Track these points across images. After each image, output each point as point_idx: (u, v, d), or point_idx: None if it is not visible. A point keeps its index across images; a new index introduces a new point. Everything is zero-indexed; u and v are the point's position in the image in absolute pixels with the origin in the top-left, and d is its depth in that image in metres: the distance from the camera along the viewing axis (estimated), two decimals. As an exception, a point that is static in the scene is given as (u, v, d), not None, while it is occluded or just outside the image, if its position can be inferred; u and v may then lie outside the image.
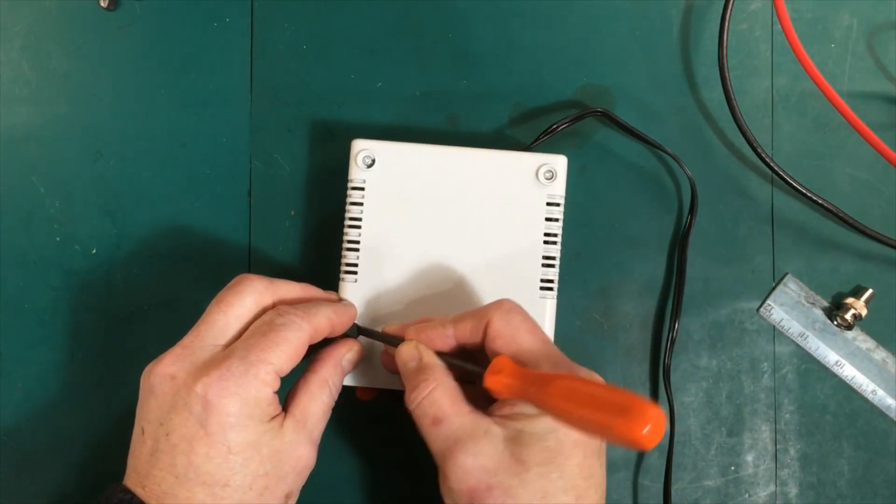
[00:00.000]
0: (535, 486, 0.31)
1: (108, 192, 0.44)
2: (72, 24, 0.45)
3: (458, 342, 0.35)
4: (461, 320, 0.35)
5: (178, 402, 0.31)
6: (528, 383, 0.31)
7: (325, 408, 0.35)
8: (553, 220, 0.39)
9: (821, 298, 0.44)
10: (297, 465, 0.33)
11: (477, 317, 0.34)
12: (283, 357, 0.32)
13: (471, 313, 0.34)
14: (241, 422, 0.31)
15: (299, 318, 0.33)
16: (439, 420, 0.32)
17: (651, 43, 0.44)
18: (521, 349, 0.33)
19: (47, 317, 0.44)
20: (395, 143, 0.39)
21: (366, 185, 0.39)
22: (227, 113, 0.44)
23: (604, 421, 0.28)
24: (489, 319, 0.34)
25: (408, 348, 0.34)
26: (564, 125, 0.42)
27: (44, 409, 0.43)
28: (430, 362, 0.34)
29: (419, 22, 0.44)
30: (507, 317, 0.34)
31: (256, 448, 0.31)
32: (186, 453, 0.31)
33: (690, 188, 0.43)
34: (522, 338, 0.33)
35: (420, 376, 0.33)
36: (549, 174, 0.39)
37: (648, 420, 0.27)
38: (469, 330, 0.34)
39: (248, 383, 0.31)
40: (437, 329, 0.35)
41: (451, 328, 0.35)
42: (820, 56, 0.44)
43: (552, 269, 0.39)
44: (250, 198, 0.44)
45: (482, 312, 0.34)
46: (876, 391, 0.43)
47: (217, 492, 0.31)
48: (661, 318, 0.44)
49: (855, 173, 0.44)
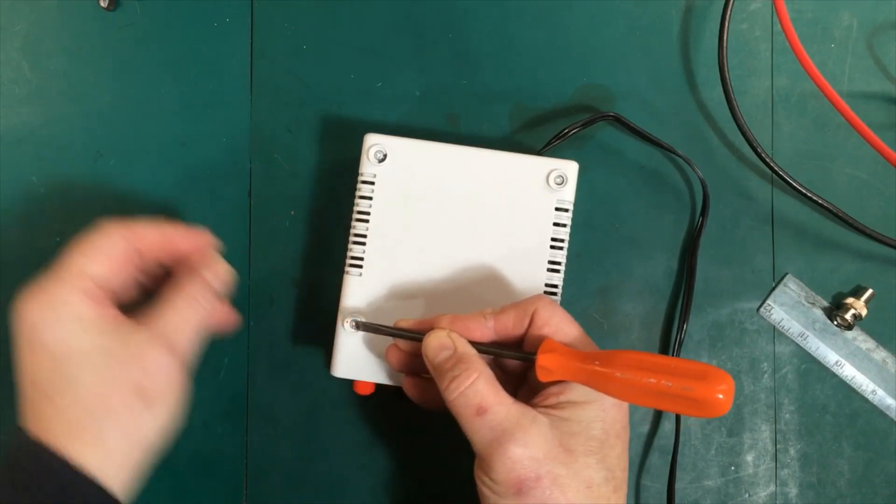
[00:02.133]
0: (581, 475, 0.31)
1: (108, 192, 0.44)
2: (72, 24, 0.45)
3: (497, 334, 0.35)
4: (503, 312, 0.35)
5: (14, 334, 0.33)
6: (587, 360, 0.32)
7: (185, 318, 0.34)
8: (561, 225, 0.39)
9: (821, 298, 0.44)
10: (149, 367, 0.32)
11: (520, 308, 0.34)
12: (97, 265, 0.33)
13: (512, 305, 0.35)
14: (57, 330, 0.32)
15: (115, 226, 0.34)
16: (484, 410, 0.32)
17: (651, 43, 0.44)
18: (568, 336, 0.34)
19: (47, 317, 0.44)
20: (407, 140, 0.40)
21: (376, 180, 0.39)
22: (227, 113, 0.44)
23: (681, 385, 0.29)
24: (535, 309, 0.34)
25: (439, 337, 0.34)
26: (576, 129, 0.42)
27: (44, 409, 0.43)
28: (467, 351, 0.33)
29: (419, 22, 0.44)
30: (551, 307, 0.34)
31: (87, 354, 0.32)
32: (25, 369, 0.32)
33: (703, 190, 0.43)
34: (568, 327, 0.34)
35: (460, 366, 0.33)
36: (560, 179, 0.39)
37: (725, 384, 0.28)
38: (512, 321, 0.34)
39: (60, 291, 0.32)
40: (476, 319, 0.35)
41: (491, 319, 0.35)
42: (820, 56, 0.44)
43: (557, 274, 0.39)
44: (250, 198, 0.44)
45: (525, 304, 0.34)
46: (876, 391, 0.43)
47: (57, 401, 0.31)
48: (670, 319, 0.44)
49: (855, 173, 0.44)
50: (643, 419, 0.44)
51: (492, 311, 0.35)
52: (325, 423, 0.43)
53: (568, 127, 0.42)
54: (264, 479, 0.43)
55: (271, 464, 0.43)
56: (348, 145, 0.43)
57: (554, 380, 0.33)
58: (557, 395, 0.33)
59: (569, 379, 0.33)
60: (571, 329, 0.34)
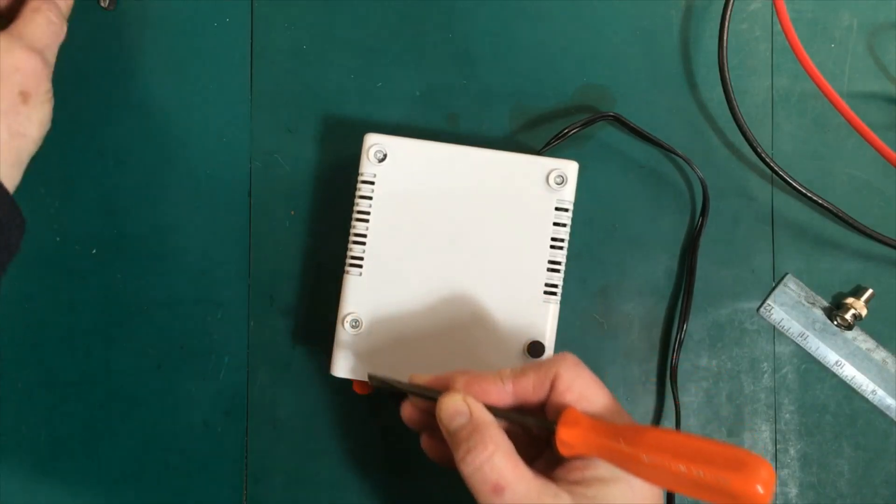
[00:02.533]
0: None
1: (108, 192, 0.44)
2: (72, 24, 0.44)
3: (516, 398, 0.32)
4: (522, 374, 0.32)
5: None
6: (612, 436, 0.29)
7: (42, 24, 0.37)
8: (561, 225, 0.39)
9: (821, 298, 0.44)
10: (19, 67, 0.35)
11: (541, 371, 0.32)
12: None
13: (532, 367, 0.32)
14: None
15: None
16: (501, 488, 0.29)
17: (651, 43, 0.44)
18: (593, 404, 0.31)
19: (47, 317, 0.44)
20: (407, 139, 0.39)
21: (376, 180, 0.39)
22: (227, 113, 0.44)
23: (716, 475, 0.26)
24: (556, 373, 0.32)
25: (453, 401, 0.31)
26: (576, 129, 0.42)
27: (44, 409, 0.43)
28: (484, 419, 0.31)
29: (419, 22, 0.44)
30: (575, 370, 0.32)
31: None
32: None
33: (703, 190, 0.43)
34: (594, 393, 0.32)
35: (475, 437, 0.30)
36: (560, 179, 0.39)
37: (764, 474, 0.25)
38: (532, 385, 0.32)
39: None
40: (493, 382, 0.32)
41: (509, 382, 0.32)
42: (820, 56, 0.44)
43: (557, 273, 0.39)
44: (250, 198, 0.44)
45: (547, 366, 0.32)
46: (876, 391, 0.43)
47: None
48: (670, 319, 0.44)
49: (855, 173, 0.44)
50: (643, 419, 0.44)
51: (511, 371, 0.32)
52: (325, 423, 0.43)
53: (568, 127, 0.42)
54: (264, 479, 0.43)
55: (271, 464, 0.43)
56: (348, 145, 0.43)
57: (576, 454, 0.30)
58: (582, 471, 0.30)
59: (592, 455, 0.30)
60: (597, 396, 0.32)
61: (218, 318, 0.44)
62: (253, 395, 0.43)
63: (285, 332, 0.44)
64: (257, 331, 0.44)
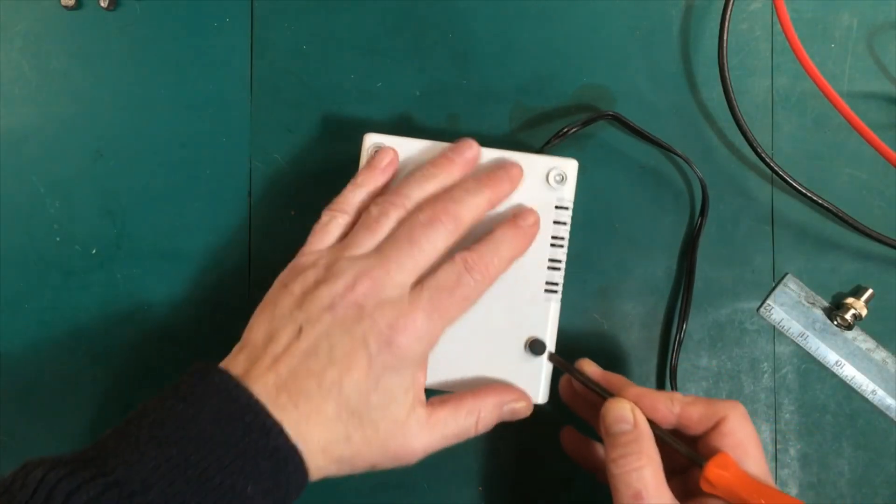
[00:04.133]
0: None
1: (108, 192, 0.44)
2: (72, 24, 0.45)
3: (678, 422, 0.35)
4: (692, 404, 0.34)
5: (357, 328, 0.32)
6: (755, 493, 0.31)
7: (459, 432, 0.35)
8: (561, 223, 0.39)
9: (821, 298, 0.44)
10: (400, 451, 0.33)
11: (711, 407, 0.34)
12: (459, 314, 0.34)
13: (703, 401, 0.34)
14: (399, 367, 0.32)
15: (481, 277, 0.34)
16: (641, 497, 0.32)
17: (651, 43, 0.44)
18: (747, 457, 0.33)
19: (47, 317, 0.44)
20: (407, 139, 0.39)
21: None
22: (227, 113, 0.44)
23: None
24: (725, 416, 0.34)
25: (622, 409, 0.34)
26: (575, 129, 0.42)
27: (44, 409, 0.43)
28: (645, 432, 0.33)
29: (419, 22, 0.44)
30: (743, 420, 0.34)
31: (393, 406, 0.33)
32: (341, 372, 0.32)
33: (702, 189, 0.43)
34: (752, 447, 0.34)
35: (633, 446, 0.33)
36: (560, 177, 0.39)
37: None
38: (697, 417, 0.34)
39: (424, 338, 0.33)
40: (663, 401, 0.35)
41: (678, 406, 0.34)
42: (820, 56, 0.44)
43: (558, 272, 0.39)
44: (250, 198, 0.44)
45: (717, 406, 0.34)
46: (876, 391, 0.43)
47: (343, 416, 0.32)
48: (669, 319, 0.44)
49: (855, 173, 0.44)
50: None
51: (682, 397, 0.35)
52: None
53: (567, 126, 0.42)
54: (264, 479, 0.43)
55: (271, 464, 0.43)
56: (348, 145, 0.43)
57: (713, 494, 0.33)
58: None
59: (728, 500, 0.32)
60: (754, 451, 0.34)
61: (218, 318, 0.44)
62: (253, 395, 0.43)
63: (285, 332, 0.43)
64: (257, 331, 0.44)
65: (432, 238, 0.34)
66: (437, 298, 0.33)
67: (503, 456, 0.43)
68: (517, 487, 0.43)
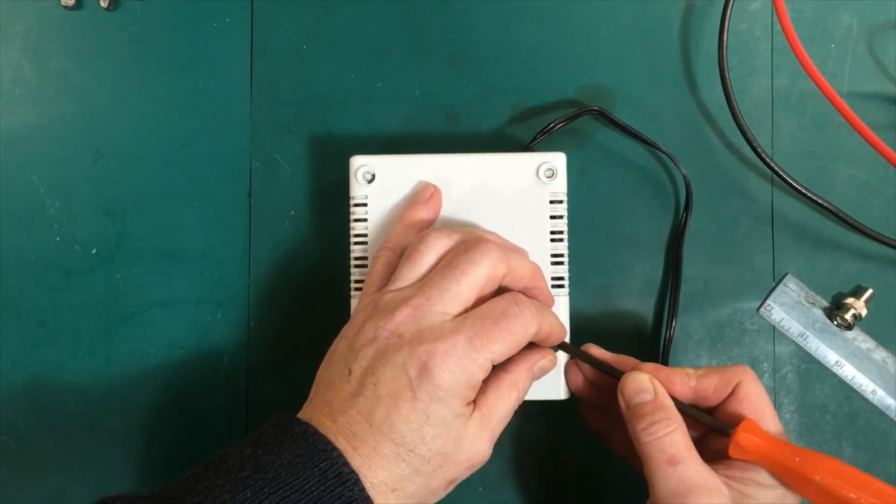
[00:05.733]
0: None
1: (108, 192, 0.44)
2: (72, 24, 0.45)
3: (694, 395, 0.35)
4: (706, 375, 0.35)
5: (397, 359, 0.31)
6: (788, 454, 0.32)
7: (510, 408, 0.34)
8: (558, 217, 0.39)
9: (821, 298, 0.44)
10: (472, 458, 0.33)
11: (724, 376, 0.35)
12: (504, 349, 0.32)
13: (715, 370, 0.35)
14: (447, 399, 0.31)
15: (531, 316, 0.33)
16: (677, 461, 0.32)
17: (651, 43, 0.44)
18: (766, 420, 0.34)
19: (47, 317, 0.44)
20: (393, 157, 0.39)
21: (368, 201, 0.39)
22: (227, 113, 0.44)
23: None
24: (739, 381, 0.35)
25: (640, 380, 0.35)
26: (561, 124, 0.42)
27: (44, 409, 0.43)
28: (667, 402, 0.34)
29: (419, 22, 0.44)
30: (756, 383, 0.35)
31: (448, 428, 0.32)
32: (388, 407, 0.31)
33: (685, 186, 0.43)
34: (768, 410, 0.35)
35: (660, 413, 0.33)
36: (550, 172, 0.39)
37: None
38: (713, 387, 0.35)
39: (468, 366, 0.31)
40: (679, 375, 0.35)
41: (694, 379, 0.35)
42: (820, 56, 0.44)
43: (562, 266, 0.39)
44: (250, 198, 0.44)
45: (729, 373, 0.35)
46: (876, 391, 0.43)
47: (401, 452, 0.31)
48: (660, 318, 0.44)
49: (855, 173, 0.44)
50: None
51: (695, 371, 0.36)
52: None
53: (553, 121, 0.42)
54: (264, 479, 0.43)
55: (271, 464, 0.43)
56: (348, 146, 0.44)
57: (743, 459, 0.33)
58: (743, 471, 0.34)
59: (761, 464, 0.33)
60: (771, 413, 0.35)
61: (218, 318, 0.44)
62: (253, 396, 0.43)
63: (285, 333, 0.44)
64: (257, 331, 0.44)
65: (476, 261, 0.33)
66: (480, 326, 0.32)
67: (503, 456, 0.43)
68: (517, 487, 0.43)
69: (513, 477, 0.43)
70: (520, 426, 0.43)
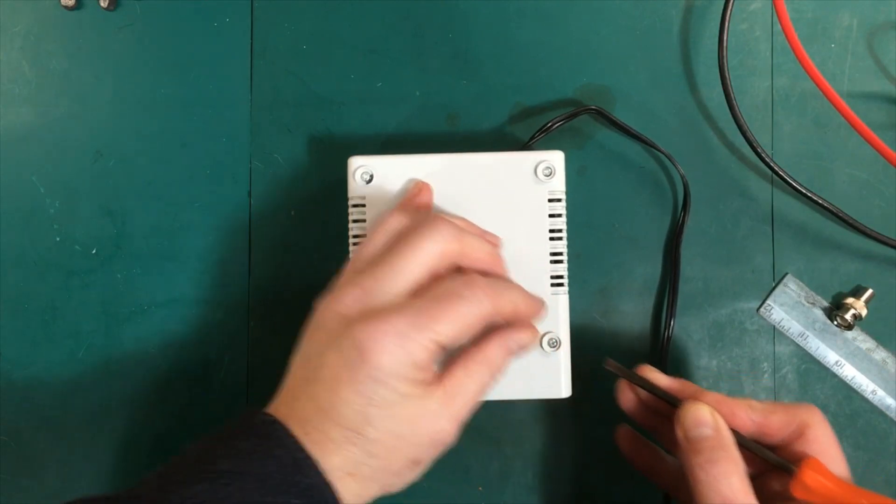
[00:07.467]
0: None
1: (108, 192, 0.44)
2: (72, 24, 0.45)
3: (756, 429, 0.34)
4: (772, 411, 0.34)
5: (338, 340, 0.31)
6: (855, 495, 0.31)
7: (480, 386, 0.32)
8: (556, 215, 0.39)
9: (821, 298, 0.44)
10: (434, 438, 0.31)
11: (790, 414, 0.34)
12: (451, 329, 0.31)
13: (781, 407, 0.34)
14: (386, 379, 0.30)
15: (483, 295, 0.31)
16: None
17: (651, 43, 0.44)
18: (833, 463, 0.33)
19: (47, 317, 0.44)
20: (391, 157, 0.39)
21: (366, 201, 0.39)
22: (227, 113, 0.44)
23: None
24: (808, 422, 0.33)
25: (701, 411, 0.33)
26: (559, 122, 0.42)
27: (44, 409, 0.43)
28: (729, 439, 0.32)
29: (419, 22, 0.44)
30: (825, 426, 0.33)
31: (394, 408, 0.30)
32: (331, 391, 0.30)
33: (683, 186, 0.43)
34: (837, 453, 0.33)
35: (721, 452, 0.32)
36: (548, 171, 0.39)
37: None
38: (778, 424, 0.33)
39: (406, 345, 0.30)
40: (742, 407, 0.34)
41: (759, 414, 0.34)
42: (820, 56, 0.44)
43: (561, 265, 0.39)
44: (250, 198, 0.44)
45: (797, 412, 0.34)
46: (876, 391, 0.43)
47: (350, 436, 0.30)
48: (659, 318, 0.44)
49: (855, 173, 0.44)
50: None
51: (760, 404, 0.34)
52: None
53: (551, 120, 0.42)
54: (264, 479, 0.43)
55: (271, 464, 0.43)
56: (348, 146, 0.44)
57: (806, 499, 0.32)
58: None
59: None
60: (839, 457, 0.33)
61: (218, 318, 0.44)
62: (253, 395, 0.43)
63: (285, 333, 0.43)
64: (257, 331, 0.44)
65: (427, 236, 0.32)
66: (426, 306, 0.31)
67: (503, 456, 0.43)
68: (517, 487, 0.43)
69: (513, 477, 0.43)
70: (520, 426, 0.43)
